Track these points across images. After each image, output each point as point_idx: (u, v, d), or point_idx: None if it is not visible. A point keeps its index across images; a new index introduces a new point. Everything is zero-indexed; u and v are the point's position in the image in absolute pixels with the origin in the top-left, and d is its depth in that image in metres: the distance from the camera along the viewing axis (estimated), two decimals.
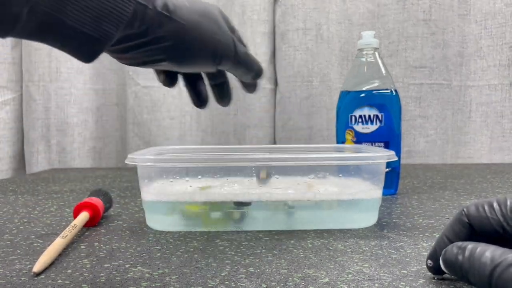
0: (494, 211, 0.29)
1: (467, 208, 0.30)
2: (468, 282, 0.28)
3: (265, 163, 0.45)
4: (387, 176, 0.61)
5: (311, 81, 1.07)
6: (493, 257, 0.26)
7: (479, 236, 0.29)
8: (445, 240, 0.30)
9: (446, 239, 0.30)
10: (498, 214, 0.28)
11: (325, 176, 0.46)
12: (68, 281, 0.31)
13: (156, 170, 0.45)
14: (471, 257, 0.27)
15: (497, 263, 0.25)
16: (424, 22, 1.04)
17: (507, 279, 0.24)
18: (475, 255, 0.27)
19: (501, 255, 0.25)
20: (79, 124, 1.09)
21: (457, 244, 0.28)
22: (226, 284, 0.30)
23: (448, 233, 0.30)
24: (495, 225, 0.28)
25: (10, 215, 0.53)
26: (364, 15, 1.07)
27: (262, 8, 1.06)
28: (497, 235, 0.28)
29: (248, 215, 0.44)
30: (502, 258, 0.25)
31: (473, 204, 0.30)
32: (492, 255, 0.26)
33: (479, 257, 0.26)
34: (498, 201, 0.29)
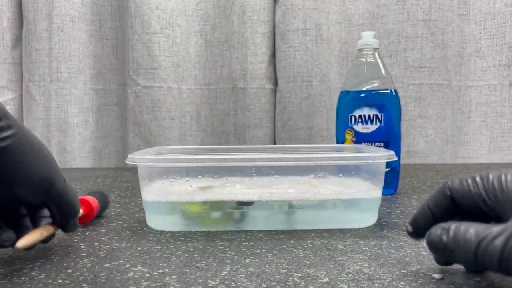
0: (476, 185, 0.29)
1: (451, 182, 0.31)
2: (454, 261, 0.28)
3: (265, 163, 0.45)
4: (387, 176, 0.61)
5: (311, 81, 1.07)
6: (477, 233, 0.26)
7: (461, 211, 0.30)
8: (426, 210, 0.32)
9: (428, 209, 0.32)
10: (480, 188, 0.29)
11: (325, 176, 0.46)
12: (68, 281, 0.31)
13: (156, 170, 0.45)
14: (456, 236, 0.27)
15: (482, 237, 0.25)
16: (423, 23, 1.04)
17: (492, 252, 0.25)
18: (459, 234, 0.27)
19: (485, 230, 0.26)
20: (80, 124, 1.09)
21: (441, 225, 0.28)
22: (226, 284, 0.30)
23: (430, 203, 0.32)
24: (476, 199, 0.29)
25: None
26: (363, 15, 1.07)
27: (262, 8, 1.06)
28: (478, 209, 0.29)
29: (248, 215, 0.44)
30: (486, 233, 0.25)
31: (457, 179, 0.30)
32: (476, 231, 0.26)
33: (464, 234, 0.26)
34: (481, 176, 0.29)
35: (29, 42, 1.06)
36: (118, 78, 1.11)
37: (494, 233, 0.25)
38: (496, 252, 0.25)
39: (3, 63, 1.07)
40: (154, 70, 1.05)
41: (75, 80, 1.08)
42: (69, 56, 1.06)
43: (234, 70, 1.08)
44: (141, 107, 1.07)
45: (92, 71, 1.09)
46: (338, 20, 1.08)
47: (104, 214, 0.53)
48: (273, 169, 0.46)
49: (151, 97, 1.06)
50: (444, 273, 0.31)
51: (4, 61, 1.07)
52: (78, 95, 1.09)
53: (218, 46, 1.10)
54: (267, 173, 0.46)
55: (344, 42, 1.09)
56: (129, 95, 1.07)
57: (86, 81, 1.10)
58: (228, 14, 1.08)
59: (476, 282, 0.30)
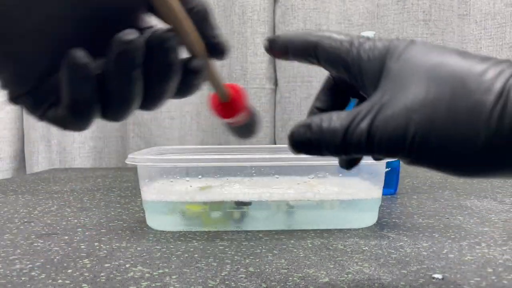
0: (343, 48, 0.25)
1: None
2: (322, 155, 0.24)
3: (265, 163, 0.45)
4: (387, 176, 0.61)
5: (311, 81, 1.07)
6: (341, 120, 0.23)
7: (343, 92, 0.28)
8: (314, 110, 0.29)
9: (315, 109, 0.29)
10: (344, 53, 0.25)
11: (325, 176, 0.46)
12: (68, 281, 0.31)
13: (157, 170, 0.45)
14: (319, 130, 0.23)
15: (346, 125, 0.22)
16: (423, 23, 1.04)
17: (359, 138, 0.22)
18: (322, 126, 0.23)
19: (348, 115, 0.23)
20: None
21: (300, 122, 0.24)
22: (226, 284, 0.30)
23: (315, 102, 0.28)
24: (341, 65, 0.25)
25: (10, 215, 0.53)
26: (363, 15, 1.07)
27: (262, 8, 1.06)
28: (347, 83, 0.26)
29: (248, 215, 0.44)
30: (349, 118, 0.22)
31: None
32: (339, 118, 0.23)
33: (328, 125, 0.23)
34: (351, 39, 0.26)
35: None
36: None
37: (358, 116, 0.22)
38: (363, 136, 0.22)
39: None
40: None
41: None
42: None
43: (234, 70, 1.08)
44: None
45: None
46: (338, 20, 1.08)
47: (105, 213, 0.53)
48: (273, 169, 0.46)
49: None
50: (444, 273, 0.31)
51: None
52: None
53: None
54: (267, 173, 0.46)
55: None
56: None
57: None
58: (228, 14, 1.08)
59: (476, 282, 0.30)
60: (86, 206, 0.58)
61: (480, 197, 0.61)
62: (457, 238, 0.41)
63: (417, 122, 0.20)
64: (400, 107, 0.21)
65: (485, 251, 0.37)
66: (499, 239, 0.40)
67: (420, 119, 0.20)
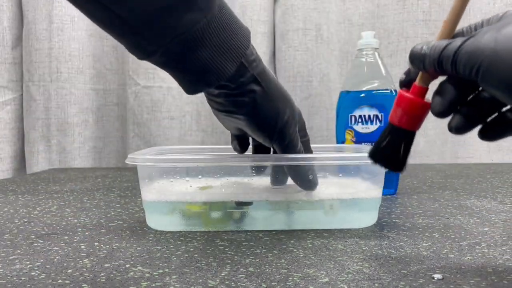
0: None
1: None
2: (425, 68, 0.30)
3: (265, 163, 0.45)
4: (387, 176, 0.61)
5: (311, 81, 1.07)
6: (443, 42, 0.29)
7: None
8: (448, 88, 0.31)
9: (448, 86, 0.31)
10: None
11: (325, 176, 0.46)
12: (68, 281, 0.31)
13: (156, 170, 0.45)
14: (428, 46, 0.30)
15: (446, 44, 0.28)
16: (423, 23, 1.04)
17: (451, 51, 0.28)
18: (431, 44, 0.30)
19: (450, 40, 0.29)
20: (80, 124, 1.09)
21: (422, 42, 0.31)
22: (226, 284, 0.30)
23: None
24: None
25: (10, 215, 0.53)
26: (363, 15, 1.07)
27: (262, 8, 1.06)
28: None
29: (248, 215, 0.44)
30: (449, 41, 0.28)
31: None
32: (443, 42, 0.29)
33: (439, 43, 0.29)
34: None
35: (29, 42, 1.06)
36: (118, 78, 1.11)
37: (455, 42, 0.28)
38: (452, 52, 0.28)
39: (3, 63, 1.07)
40: (154, 70, 1.05)
41: (75, 80, 1.08)
42: (69, 56, 1.06)
43: None
44: (141, 107, 1.07)
45: (92, 71, 1.09)
46: (338, 20, 1.08)
47: (105, 213, 0.53)
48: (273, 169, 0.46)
49: (151, 97, 1.06)
50: (444, 273, 0.31)
51: (4, 61, 1.07)
52: (78, 95, 1.09)
53: None
54: (267, 173, 0.46)
55: (344, 42, 1.09)
56: (128, 95, 1.07)
57: (86, 81, 1.09)
58: None
59: (476, 282, 0.30)
60: (86, 206, 0.58)
61: (480, 197, 0.61)
62: (457, 238, 0.41)
63: (486, 55, 0.26)
64: (477, 44, 0.27)
65: (485, 251, 0.37)
66: (499, 239, 0.40)
67: (487, 53, 0.26)
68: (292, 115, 0.42)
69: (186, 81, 0.37)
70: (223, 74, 0.36)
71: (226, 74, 0.36)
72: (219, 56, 0.36)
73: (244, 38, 0.37)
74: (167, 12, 0.33)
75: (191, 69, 0.36)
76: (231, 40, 0.36)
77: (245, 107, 0.39)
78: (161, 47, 0.34)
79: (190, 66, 0.36)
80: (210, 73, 0.36)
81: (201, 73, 0.36)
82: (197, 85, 0.37)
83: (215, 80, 0.36)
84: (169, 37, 0.34)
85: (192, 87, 0.38)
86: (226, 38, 0.36)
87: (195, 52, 0.35)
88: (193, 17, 0.34)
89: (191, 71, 0.36)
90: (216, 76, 0.36)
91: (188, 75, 0.37)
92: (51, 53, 1.05)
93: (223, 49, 0.36)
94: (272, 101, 0.40)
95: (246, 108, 0.39)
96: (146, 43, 0.34)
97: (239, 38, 0.37)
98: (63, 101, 1.08)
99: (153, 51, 0.34)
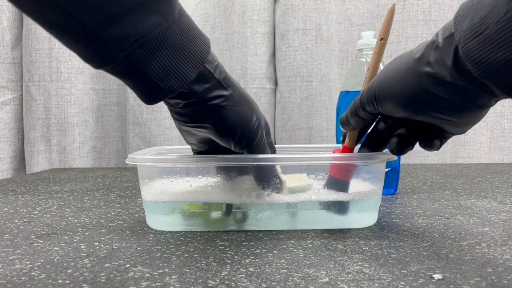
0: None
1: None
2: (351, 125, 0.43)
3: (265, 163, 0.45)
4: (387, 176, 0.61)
5: (311, 81, 1.07)
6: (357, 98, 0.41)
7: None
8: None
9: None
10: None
11: (325, 176, 0.46)
12: (68, 281, 0.31)
13: (156, 170, 0.45)
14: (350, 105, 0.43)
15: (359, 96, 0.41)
16: (424, 22, 1.04)
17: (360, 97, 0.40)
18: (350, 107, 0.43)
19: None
20: (80, 124, 1.09)
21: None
22: (226, 284, 0.30)
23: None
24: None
25: (10, 215, 0.53)
26: (363, 15, 1.07)
27: (262, 8, 1.06)
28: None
29: (248, 215, 0.44)
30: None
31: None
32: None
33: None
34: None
35: (29, 42, 1.06)
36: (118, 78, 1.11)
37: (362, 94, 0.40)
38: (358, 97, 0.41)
39: (3, 63, 1.07)
40: None
41: (75, 80, 1.08)
42: (69, 56, 1.06)
43: (234, 70, 1.08)
44: (141, 107, 1.07)
45: (92, 71, 1.09)
46: (338, 20, 1.08)
47: (105, 213, 0.53)
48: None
49: None
50: (444, 273, 0.31)
51: (4, 61, 1.07)
52: (78, 95, 1.09)
53: (218, 46, 1.10)
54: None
55: (344, 42, 1.09)
56: (129, 95, 1.07)
57: (86, 81, 1.10)
58: (228, 14, 1.08)
59: (476, 282, 0.30)
60: (86, 206, 0.58)
61: (480, 197, 0.61)
62: (457, 238, 0.41)
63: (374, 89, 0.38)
64: (370, 86, 0.39)
65: (485, 251, 0.37)
66: (499, 239, 0.40)
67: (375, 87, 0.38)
68: (259, 118, 0.41)
69: (145, 89, 0.35)
70: (185, 80, 0.35)
71: (188, 79, 0.35)
72: (180, 61, 0.35)
73: (204, 44, 0.36)
74: (129, 15, 0.31)
75: (151, 76, 0.34)
76: (192, 45, 0.35)
77: (213, 113, 0.38)
78: (122, 52, 0.32)
79: (151, 71, 0.34)
80: (171, 79, 0.35)
81: (162, 79, 0.35)
82: (158, 92, 0.35)
83: (177, 86, 0.35)
84: (130, 41, 0.32)
85: (152, 95, 0.36)
86: (187, 43, 0.35)
87: (155, 56, 0.34)
88: (154, 21, 0.33)
89: (151, 77, 0.34)
90: (177, 81, 0.35)
91: (148, 82, 0.35)
92: (51, 53, 1.05)
93: (184, 54, 0.35)
94: (239, 106, 0.39)
95: (214, 115, 0.38)
96: (107, 48, 0.32)
97: (199, 44, 0.36)
98: (63, 101, 1.08)
99: (113, 57, 0.33)
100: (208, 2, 1.10)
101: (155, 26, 0.33)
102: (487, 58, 0.27)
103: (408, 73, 0.34)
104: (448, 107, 0.33)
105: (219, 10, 1.10)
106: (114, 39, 0.32)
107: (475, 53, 0.28)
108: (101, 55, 0.33)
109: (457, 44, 0.29)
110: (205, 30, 1.11)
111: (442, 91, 0.32)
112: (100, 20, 0.31)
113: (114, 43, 0.32)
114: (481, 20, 0.27)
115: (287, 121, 1.08)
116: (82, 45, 0.33)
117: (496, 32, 0.26)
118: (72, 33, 0.32)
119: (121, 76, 0.35)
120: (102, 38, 0.31)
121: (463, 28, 0.29)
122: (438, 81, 0.32)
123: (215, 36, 1.10)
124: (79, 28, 0.31)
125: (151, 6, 0.32)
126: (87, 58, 0.34)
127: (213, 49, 1.28)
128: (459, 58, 0.30)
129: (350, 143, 0.44)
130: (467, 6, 0.29)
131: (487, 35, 0.27)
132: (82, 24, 0.31)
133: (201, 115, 0.38)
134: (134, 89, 0.36)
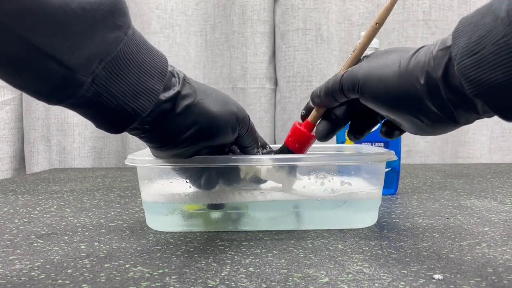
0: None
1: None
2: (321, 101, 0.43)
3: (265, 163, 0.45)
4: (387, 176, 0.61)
5: (311, 81, 1.07)
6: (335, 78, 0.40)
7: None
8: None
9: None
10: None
11: (325, 176, 0.46)
12: (68, 281, 0.31)
13: (156, 171, 0.45)
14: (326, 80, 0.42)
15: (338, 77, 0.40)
16: (424, 22, 1.04)
17: (340, 79, 0.39)
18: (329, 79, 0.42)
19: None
20: (79, 124, 1.09)
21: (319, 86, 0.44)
22: (226, 284, 0.30)
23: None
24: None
25: (10, 215, 0.53)
26: (363, 15, 1.07)
27: (262, 8, 1.06)
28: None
29: (248, 215, 0.44)
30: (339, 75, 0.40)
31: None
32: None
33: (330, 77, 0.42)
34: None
35: None
36: None
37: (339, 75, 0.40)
38: (338, 76, 0.39)
39: None
40: None
41: None
42: None
43: (234, 70, 1.08)
44: None
45: None
46: (338, 20, 1.08)
47: (104, 213, 0.53)
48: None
49: None
50: (444, 273, 0.31)
51: None
52: None
53: (218, 46, 1.10)
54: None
55: (344, 42, 1.09)
56: None
57: None
58: (228, 14, 1.08)
59: (476, 282, 0.30)
60: (86, 206, 0.58)
61: (480, 197, 0.61)
62: (457, 238, 0.41)
63: (361, 77, 0.36)
64: (355, 70, 0.37)
65: (485, 251, 0.37)
66: (499, 239, 0.40)
67: (361, 75, 0.36)
68: (233, 100, 0.40)
69: (115, 114, 0.32)
70: (154, 95, 0.33)
71: (156, 93, 0.33)
72: (144, 76, 0.32)
73: (159, 53, 0.34)
74: (91, 33, 0.28)
75: (121, 98, 0.31)
76: (150, 57, 0.33)
77: (199, 111, 0.36)
78: (89, 76, 0.29)
79: (120, 93, 0.31)
80: (141, 97, 0.32)
81: (133, 99, 0.32)
82: (129, 115, 0.32)
83: (148, 102, 0.33)
84: (96, 62, 0.29)
85: (125, 121, 0.33)
86: (146, 56, 0.33)
87: (122, 76, 0.31)
88: (113, 36, 0.30)
89: (121, 99, 0.31)
90: (148, 98, 0.33)
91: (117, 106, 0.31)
92: None
93: (146, 67, 0.32)
94: (213, 94, 0.38)
95: (201, 111, 0.36)
96: (74, 74, 0.28)
97: (156, 54, 0.34)
98: None
99: (79, 84, 0.29)
100: (208, 2, 1.10)
101: (117, 42, 0.30)
102: (481, 77, 0.27)
103: (404, 77, 0.33)
104: (429, 117, 0.33)
105: (219, 10, 1.10)
106: (79, 63, 0.28)
107: (470, 71, 0.28)
108: (65, 85, 0.29)
109: (453, 60, 0.29)
110: (205, 30, 1.11)
111: (434, 101, 0.32)
112: (63, 43, 0.27)
113: (79, 67, 0.28)
114: (479, 39, 0.28)
115: (287, 121, 1.08)
116: (41, 78, 0.28)
117: (493, 53, 0.27)
118: (31, 65, 0.28)
119: (86, 106, 0.31)
120: (65, 64, 0.28)
121: (460, 45, 0.29)
122: (432, 91, 0.32)
123: (215, 36, 1.10)
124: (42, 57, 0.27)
125: (107, 21, 0.29)
126: (47, 93, 0.30)
127: (213, 49, 1.28)
128: (449, 72, 0.30)
129: (315, 119, 0.43)
130: (466, 23, 0.29)
131: (483, 55, 0.27)
132: (44, 53, 0.27)
133: (187, 118, 0.36)
134: (99, 119, 0.33)
